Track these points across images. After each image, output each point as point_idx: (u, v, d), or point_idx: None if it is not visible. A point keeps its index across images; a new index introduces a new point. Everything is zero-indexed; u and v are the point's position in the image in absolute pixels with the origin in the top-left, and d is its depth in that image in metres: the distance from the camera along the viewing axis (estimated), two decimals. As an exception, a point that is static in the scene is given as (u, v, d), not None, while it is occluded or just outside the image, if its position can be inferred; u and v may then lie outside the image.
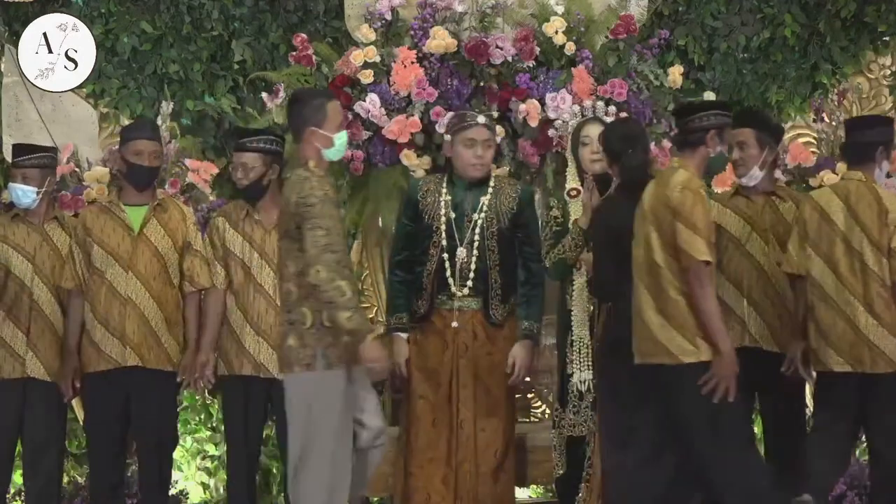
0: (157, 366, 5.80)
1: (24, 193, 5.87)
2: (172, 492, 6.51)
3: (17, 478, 6.29)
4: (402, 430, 5.70)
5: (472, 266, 5.57)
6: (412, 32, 6.47)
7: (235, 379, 5.86)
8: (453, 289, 5.56)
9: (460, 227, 5.58)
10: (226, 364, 5.87)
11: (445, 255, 5.55)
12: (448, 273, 5.55)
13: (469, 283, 5.57)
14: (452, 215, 5.57)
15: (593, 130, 5.62)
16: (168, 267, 5.84)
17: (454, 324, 5.55)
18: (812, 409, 5.77)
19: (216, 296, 5.89)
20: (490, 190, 5.63)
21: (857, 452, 6.59)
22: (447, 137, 5.67)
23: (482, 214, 5.58)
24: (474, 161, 5.55)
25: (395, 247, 5.69)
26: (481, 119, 5.60)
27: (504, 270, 5.60)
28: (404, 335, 5.61)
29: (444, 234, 5.55)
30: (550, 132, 6.24)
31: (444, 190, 5.60)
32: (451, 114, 5.98)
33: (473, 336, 5.58)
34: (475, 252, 5.57)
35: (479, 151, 5.54)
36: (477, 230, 5.58)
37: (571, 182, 5.68)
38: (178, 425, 6.31)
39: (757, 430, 6.75)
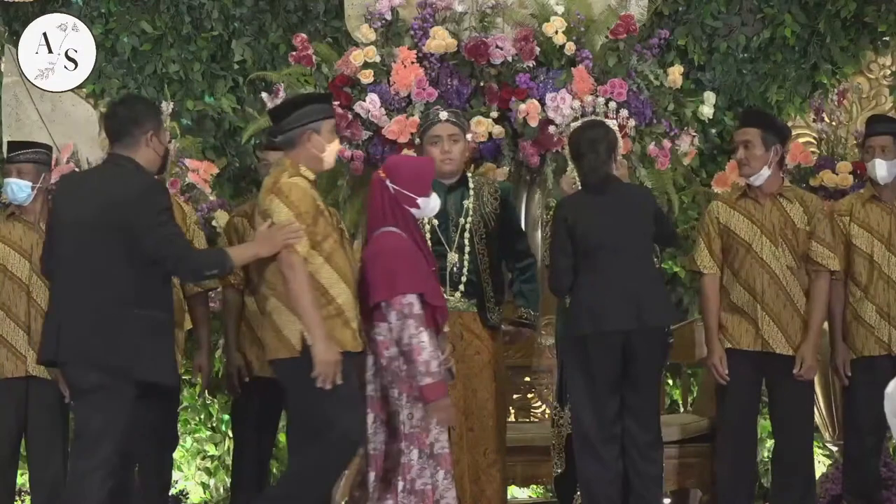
0: (156, 365, 5.79)
1: (20, 188, 5.86)
2: (172, 492, 6.51)
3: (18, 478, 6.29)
4: None
5: (465, 270, 5.57)
6: (412, 32, 6.47)
7: (251, 380, 5.84)
8: (446, 294, 5.53)
9: (446, 233, 5.58)
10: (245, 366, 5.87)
11: None
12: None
13: (461, 287, 5.57)
14: (436, 222, 5.56)
15: None
16: (167, 267, 5.84)
17: (445, 328, 5.53)
18: None
19: (228, 295, 5.89)
20: (471, 192, 5.63)
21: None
22: (417, 141, 5.66)
23: (469, 218, 5.59)
24: (441, 157, 5.53)
25: None
26: (443, 115, 5.58)
27: (494, 272, 5.64)
28: None
29: (429, 241, 5.52)
30: (551, 129, 6.24)
31: None
32: None
33: (460, 337, 5.57)
34: (466, 256, 5.57)
35: (445, 147, 5.53)
36: (466, 234, 5.58)
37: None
38: (178, 425, 6.30)
39: (759, 430, 6.78)
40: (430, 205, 5.11)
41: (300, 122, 5.03)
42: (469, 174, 5.75)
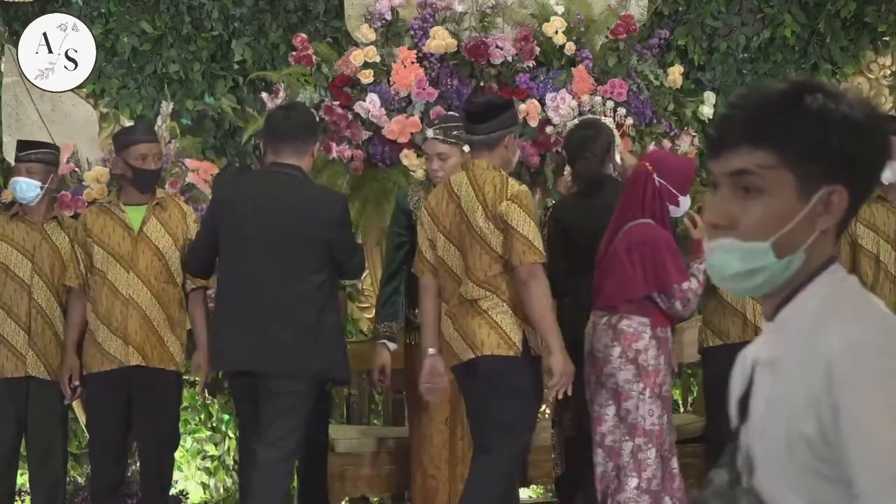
0: (159, 365, 5.79)
1: (29, 187, 5.88)
2: (172, 492, 6.50)
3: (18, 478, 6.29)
4: (413, 431, 5.67)
5: None
6: (412, 32, 6.47)
7: None
8: None
9: None
10: None
11: None
12: None
13: None
14: None
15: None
16: (170, 266, 5.84)
17: None
18: None
19: None
20: None
21: None
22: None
23: None
24: (431, 175, 5.56)
25: (390, 256, 5.74)
26: (430, 133, 5.55)
27: None
28: (392, 345, 5.63)
29: None
30: (548, 129, 6.24)
31: None
32: None
33: None
34: None
35: (434, 165, 5.51)
36: None
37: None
38: (179, 425, 6.30)
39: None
40: (686, 204, 5.17)
41: (504, 126, 5.11)
42: None
